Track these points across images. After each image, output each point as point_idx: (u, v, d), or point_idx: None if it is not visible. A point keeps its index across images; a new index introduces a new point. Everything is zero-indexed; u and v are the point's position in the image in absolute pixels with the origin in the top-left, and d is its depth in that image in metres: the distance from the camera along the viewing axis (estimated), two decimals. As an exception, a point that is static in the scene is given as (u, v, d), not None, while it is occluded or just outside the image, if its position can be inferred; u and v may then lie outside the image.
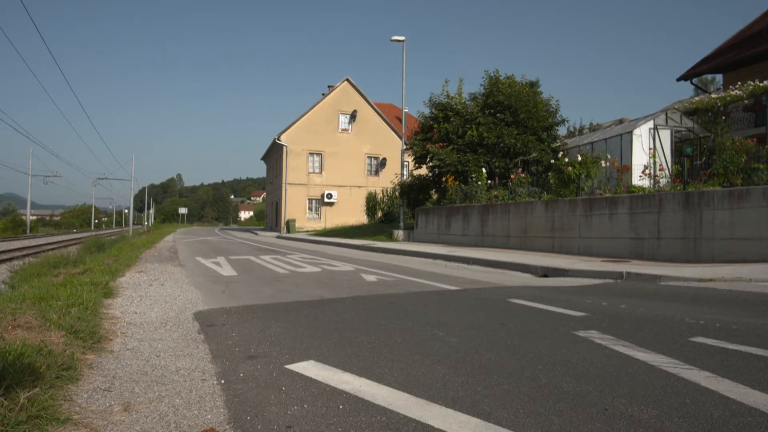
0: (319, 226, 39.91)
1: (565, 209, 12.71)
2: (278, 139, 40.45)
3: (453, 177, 18.95)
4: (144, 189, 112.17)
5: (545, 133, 19.48)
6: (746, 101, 17.84)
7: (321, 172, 41.33)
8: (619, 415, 2.48)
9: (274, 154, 46.32)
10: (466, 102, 20.91)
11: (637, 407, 2.57)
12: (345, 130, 42.01)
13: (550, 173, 15.01)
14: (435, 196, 21.51)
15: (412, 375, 3.17)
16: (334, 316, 5.13)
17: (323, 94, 42.72)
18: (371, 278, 8.60)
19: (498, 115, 19.29)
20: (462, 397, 2.76)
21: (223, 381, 3.11)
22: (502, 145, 18.74)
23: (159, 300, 6.18)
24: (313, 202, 41.32)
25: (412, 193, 22.68)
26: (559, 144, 19.71)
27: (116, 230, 65.21)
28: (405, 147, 23.92)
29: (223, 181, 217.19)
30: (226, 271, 10.03)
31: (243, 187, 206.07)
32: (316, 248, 18.68)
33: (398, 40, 23.45)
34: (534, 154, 18.80)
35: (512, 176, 16.87)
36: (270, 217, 49.43)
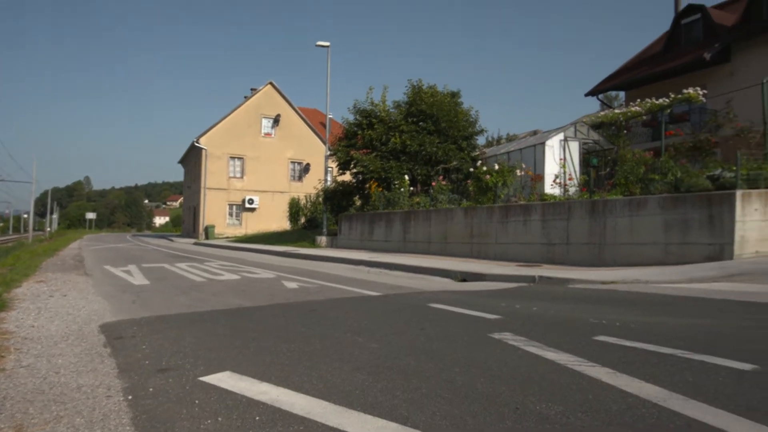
0: (239, 232, 38.83)
1: (483, 216, 13.19)
2: (197, 142, 39.01)
3: (376, 183, 19.13)
4: (47, 192, 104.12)
5: (465, 142, 20.15)
6: (645, 117, 19.41)
7: (242, 177, 40.29)
8: (529, 413, 2.59)
9: (192, 158, 44.61)
10: (390, 110, 21.22)
11: (545, 404, 2.70)
12: (268, 134, 41.25)
13: (469, 181, 15.54)
14: (358, 203, 21.61)
15: (332, 382, 3.15)
16: (252, 325, 5.00)
17: (245, 97, 41.76)
18: (292, 285, 8.48)
19: (420, 123, 19.73)
20: (380, 403, 2.78)
21: (130, 397, 2.93)
22: (424, 152, 19.16)
23: (60, 312, 5.74)
24: (234, 207, 40.18)
25: (335, 199, 22.65)
26: (478, 153, 20.46)
27: (14, 237, 60.00)
28: (329, 153, 23.86)
29: (136, 184, 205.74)
30: (138, 279, 9.51)
31: (158, 192, 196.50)
32: (235, 255, 18.15)
33: (323, 46, 23.40)
34: (454, 163, 19.38)
35: (434, 183, 17.30)
36: (187, 223, 47.50)
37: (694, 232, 8.80)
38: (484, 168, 14.41)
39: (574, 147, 16.46)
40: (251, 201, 39.66)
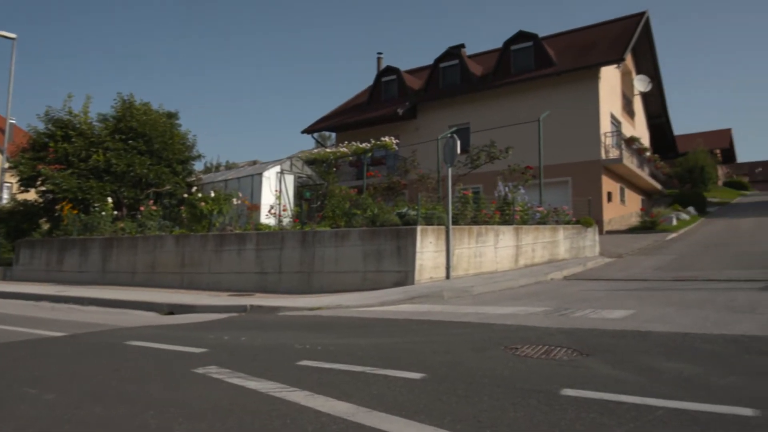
0: None
1: (196, 244, 12.68)
2: None
3: (71, 205, 16.60)
4: None
5: (181, 166, 19.22)
6: (351, 158, 21.68)
7: None
8: (226, 448, 2.54)
9: None
10: (94, 123, 18.88)
11: (244, 436, 2.69)
12: None
13: (183, 207, 14.80)
14: (46, 227, 18.34)
15: (-17, 449, 2.54)
16: None
17: None
18: (-62, 330, 6.62)
19: (130, 141, 18.05)
20: (50, 465, 2.35)
21: None
22: (133, 174, 17.54)
23: None
24: None
25: (13, 221, 18.74)
26: (194, 178, 19.73)
27: None
28: (8, 165, 19.77)
29: None
30: None
31: None
32: None
33: (7, 37, 19.58)
34: (168, 187, 18.25)
35: (143, 208, 15.91)
36: None
37: (386, 261, 10.12)
38: (200, 194, 13.95)
39: (290, 180, 17.32)
40: None
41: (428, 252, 10.09)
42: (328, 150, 22.85)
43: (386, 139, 20.62)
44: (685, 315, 6.01)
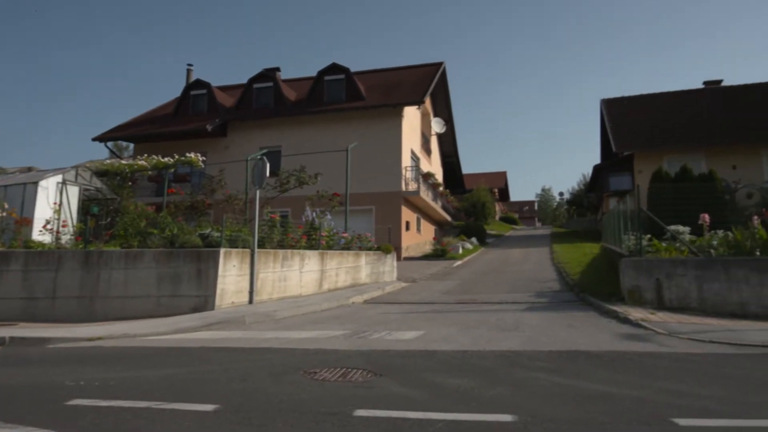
0: None
1: (-60, 263, 10.36)
2: None
3: None
4: None
5: (-77, 167, 15.64)
6: (151, 172, 20.02)
7: None
8: None
9: None
10: None
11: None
12: None
13: None
14: None
15: None
16: None
17: None
18: None
19: None
20: None
21: None
22: None
23: None
24: None
25: None
26: (-58, 183, 16.19)
27: None
28: None
29: None
30: None
31: None
32: None
33: None
34: None
35: None
36: None
37: (185, 285, 9.46)
38: (-51, 203, 11.50)
39: (74, 192, 15.24)
40: None
41: (231, 276, 9.73)
42: (123, 162, 20.75)
43: (192, 155, 19.50)
44: (465, 334, 6.74)
